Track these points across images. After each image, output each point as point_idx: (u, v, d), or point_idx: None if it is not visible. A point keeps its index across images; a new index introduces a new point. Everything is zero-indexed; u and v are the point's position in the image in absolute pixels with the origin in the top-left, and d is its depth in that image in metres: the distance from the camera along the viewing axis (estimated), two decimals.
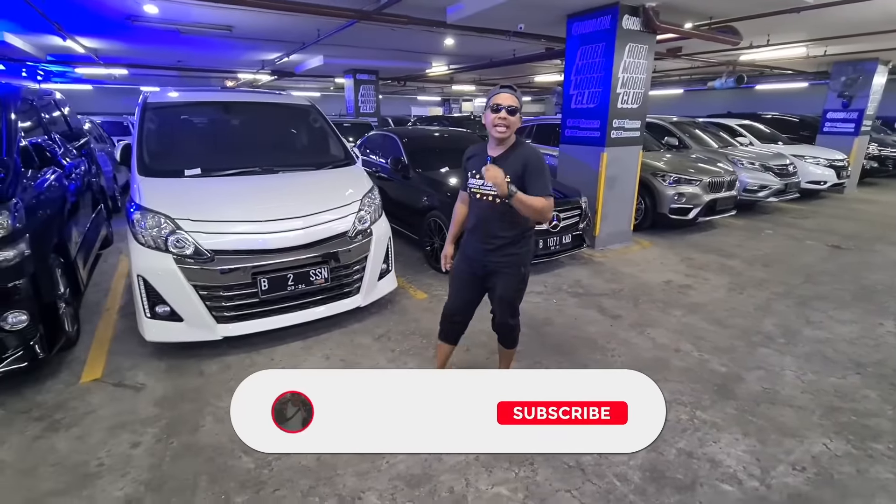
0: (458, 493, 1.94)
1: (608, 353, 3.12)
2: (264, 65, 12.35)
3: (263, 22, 6.96)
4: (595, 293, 4.16)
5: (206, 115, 4.21)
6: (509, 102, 2.01)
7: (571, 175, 5.49)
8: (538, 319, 3.60)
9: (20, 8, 5.83)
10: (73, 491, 1.93)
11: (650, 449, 2.15)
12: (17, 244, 2.57)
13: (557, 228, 4.50)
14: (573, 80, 5.36)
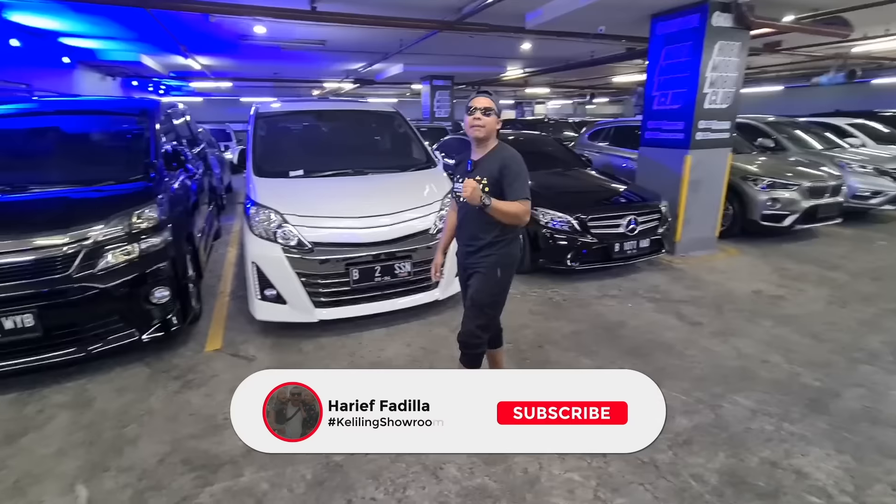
0: (532, 475, 2.06)
1: (686, 359, 3.06)
2: (348, 74, 13.22)
3: (352, 35, 7.53)
4: (673, 299, 4.05)
5: (305, 123, 4.70)
6: (484, 104, 2.06)
7: (651, 178, 5.34)
8: (612, 322, 3.60)
9: (159, 33, 6.85)
10: (208, 436, 2.32)
11: (730, 455, 2.14)
12: (162, 233, 3.11)
13: (634, 232, 4.43)
14: (656, 80, 5.23)
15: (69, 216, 2.83)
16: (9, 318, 2.52)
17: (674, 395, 2.64)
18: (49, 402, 2.61)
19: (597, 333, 3.43)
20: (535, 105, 25.74)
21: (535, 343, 3.28)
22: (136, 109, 4.20)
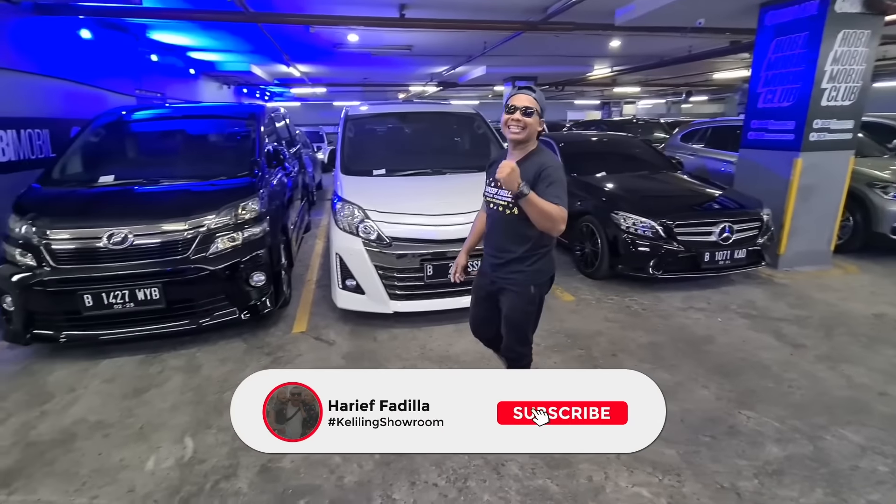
0: (597, 483, 2.00)
1: (783, 383, 2.76)
2: (432, 77, 13.60)
3: (437, 40, 7.75)
4: (773, 317, 3.66)
5: (390, 124, 4.95)
6: (525, 104, 1.85)
7: (753, 183, 4.87)
8: (697, 336, 3.35)
9: (267, 45, 7.61)
10: None
11: (830, 493, 1.91)
12: (262, 223, 3.47)
13: (728, 241, 4.07)
14: (763, 76, 4.75)
15: (189, 206, 3.26)
16: (141, 290, 2.98)
17: (765, 420, 2.40)
18: (167, 365, 3.04)
19: (678, 347, 3.21)
20: (623, 105, 24.49)
21: (608, 351, 3.16)
22: (246, 113, 4.72)
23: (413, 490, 1.98)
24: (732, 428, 2.35)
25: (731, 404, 2.55)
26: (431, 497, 1.94)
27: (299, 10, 5.55)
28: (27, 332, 2.96)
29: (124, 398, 2.68)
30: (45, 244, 2.94)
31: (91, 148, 3.92)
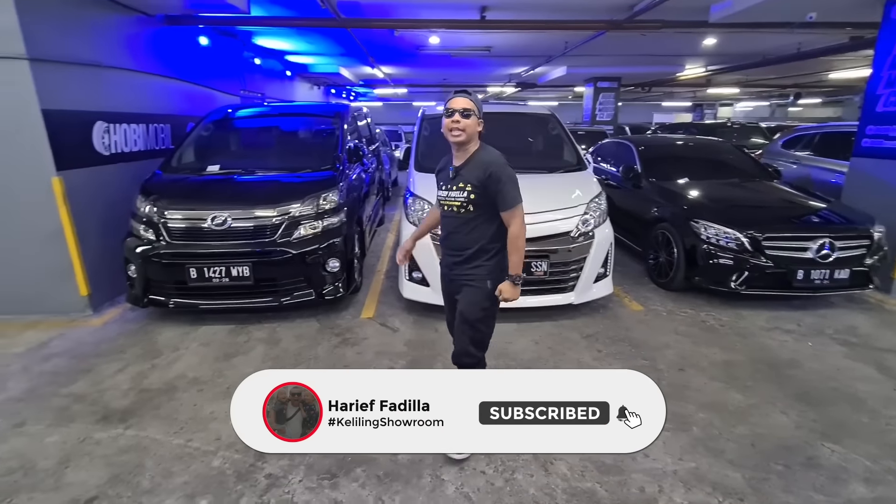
0: (649, 495, 1.95)
1: (880, 420, 2.46)
2: (510, 78, 13.56)
3: (517, 41, 7.75)
4: (877, 346, 3.25)
5: None
6: (462, 105, 1.90)
7: (865, 196, 4.34)
8: (781, 359, 3.08)
9: (355, 49, 8.10)
10: None
11: None
12: (339, 214, 3.74)
13: (828, 259, 3.67)
14: (885, 76, 4.21)
15: (278, 195, 3.61)
16: (235, 267, 3.35)
17: (853, 456, 2.17)
18: (252, 336, 3.39)
19: (757, 368, 2.97)
20: (718, 107, 22.63)
21: (675, 365, 3.01)
22: (332, 112, 5.09)
23: (461, 474, 2.06)
24: (811, 459, 2.15)
25: (812, 434, 2.33)
26: (478, 483, 2.01)
27: (385, 14, 5.85)
28: (145, 296, 3.47)
29: (216, 360, 3.05)
30: (163, 222, 3.42)
31: (202, 141, 4.46)
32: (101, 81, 3.96)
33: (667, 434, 2.30)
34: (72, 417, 2.45)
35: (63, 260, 3.59)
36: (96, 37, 3.95)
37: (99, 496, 1.94)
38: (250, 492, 1.96)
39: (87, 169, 3.74)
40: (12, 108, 3.30)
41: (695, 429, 2.37)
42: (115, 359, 3.06)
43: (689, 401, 2.60)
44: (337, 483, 2.00)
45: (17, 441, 2.27)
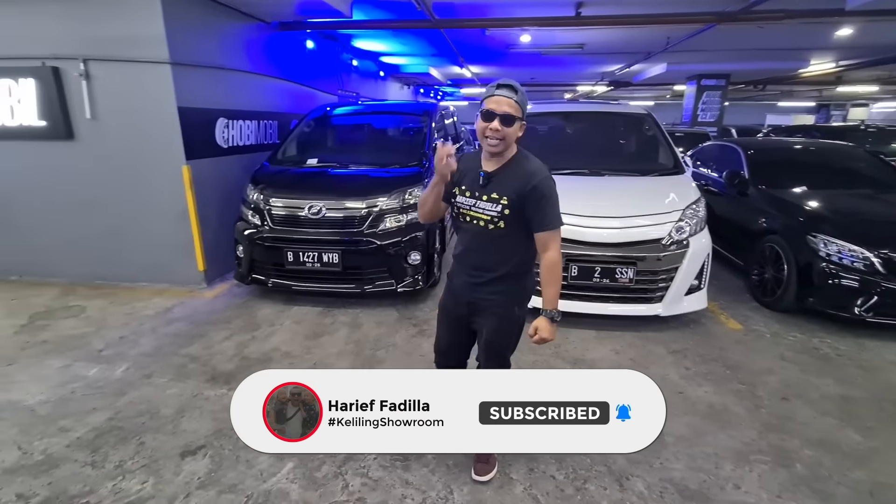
0: None
1: None
2: (603, 76, 12.99)
3: (613, 37, 7.39)
4: None
5: (550, 123, 4.94)
6: (505, 110, 1.55)
7: None
8: None
9: (446, 49, 8.28)
10: None
11: None
12: None
13: None
14: None
15: (367, 188, 3.82)
16: (326, 254, 3.61)
17: None
18: (337, 319, 3.63)
19: (881, 407, 2.57)
20: (848, 108, 19.72)
21: (777, 393, 2.70)
22: (421, 111, 5.26)
23: (530, 475, 2.03)
24: None
25: None
26: (547, 487, 1.97)
27: (479, 14, 5.90)
28: (249, 275, 3.86)
29: (305, 338, 3.31)
30: (268, 209, 3.78)
31: (304, 136, 4.85)
32: (224, 82, 4.46)
33: (762, 467, 2.09)
34: (188, 375, 2.81)
35: (187, 238, 4.11)
36: (222, 43, 4.45)
37: (206, 445, 2.20)
38: (330, 461, 2.11)
39: (209, 159, 4.24)
40: (157, 105, 3.84)
41: (798, 466, 2.11)
42: (222, 328, 3.44)
43: (793, 434, 2.33)
44: (409, 465, 2.08)
45: (146, 390, 2.65)
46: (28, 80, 3.87)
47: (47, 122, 3.94)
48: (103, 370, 2.85)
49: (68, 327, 3.43)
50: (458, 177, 1.70)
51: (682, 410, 2.52)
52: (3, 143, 4.09)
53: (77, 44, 3.77)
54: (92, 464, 2.08)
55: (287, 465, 2.07)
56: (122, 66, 3.78)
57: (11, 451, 2.15)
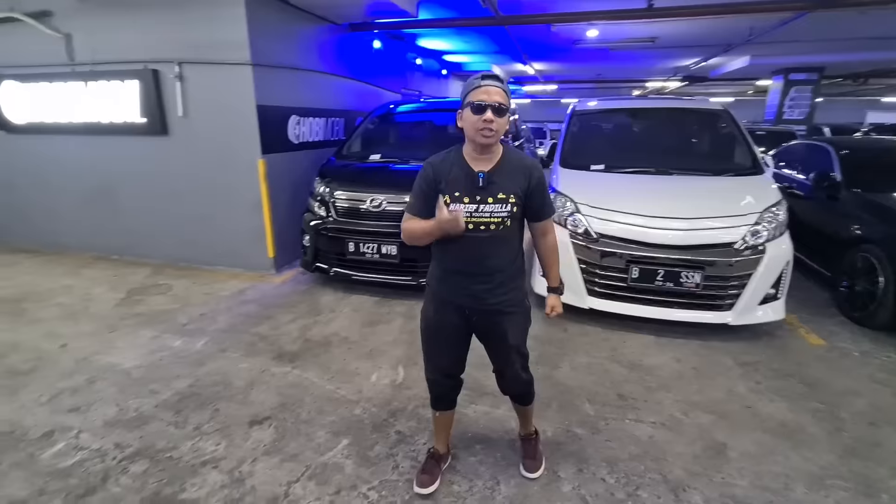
0: None
1: None
2: (676, 71, 12.28)
3: (688, 29, 6.97)
4: None
5: (618, 120, 4.77)
6: (496, 99, 1.48)
7: None
8: None
9: (510, 46, 8.23)
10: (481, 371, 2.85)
11: None
12: None
13: None
14: None
15: None
16: (385, 245, 3.75)
17: None
18: (393, 309, 3.75)
19: None
20: None
21: (864, 417, 2.45)
22: None
23: (579, 475, 2.00)
24: None
25: None
26: (597, 489, 1.93)
27: (545, 10, 5.80)
28: (313, 263, 4.08)
29: (363, 325, 3.45)
30: (332, 201, 3.98)
31: (368, 133, 5.03)
32: (297, 82, 4.74)
33: (842, 494, 1.92)
34: (257, 352, 3.04)
35: (259, 227, 4.42)
36: (296, 44, 4.73)
37: (271, 417, 2.38)
38: (383, 442, 2.20)
39: (281, 154, 4.53)
40: (238, 103, 4.16)
41: (884, 496, 1.91)
42: (288, 311, 3.68)
43: (881, 463, 2.11)
44: (457, 454, 2.13)
45: (221, 362, 2.91)
46: (132, 82, 4.35)
47: (147, 118, 4.41)
48: (186, 342, 3.15)
49: (158, 303, 3.82)
50: (441, 184, 1.59)
51: (750, 426, 2.35)
52: (110, 137, 4.63)
53: (173, 48, 4.18)
54: (175, 424, 2.32)
55: (342, 442, 2.19)
56: (209, 68, 4.14)
57: (111, 408, 2.44)
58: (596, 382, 2.74)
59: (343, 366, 2.88)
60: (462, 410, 2.45)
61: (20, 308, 3.70)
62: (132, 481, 1.94)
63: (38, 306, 3.73)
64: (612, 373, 2.86)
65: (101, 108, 4.53)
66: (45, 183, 5.11)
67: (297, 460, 2.08)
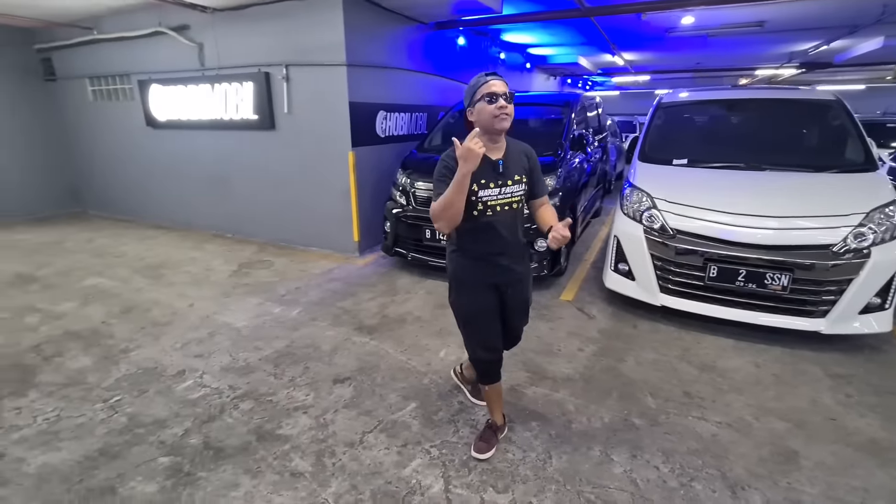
0: None
1: None
2: (791, 57, 11.01)
3: (804, 10, 6.27)
4: None
5: (709, 112, 4.51)
6: (505, 90, 1.73)
7: None
8: None
9: (596, 37, 8.01)
10: (543, 355, 2.96)
11: None
12: (553, 198, 3.93)
13: None
14: None
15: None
16: None
17: None
18: None
19: None
20: None
21: None
22: (563, 102, 5.26)
23: (632, 461, 2.05)
24: None
25: None
26: (648, 475, 1.97)
27: None
28: (393, 248, 4.42)
29: (435, 307, 3.70)
30: (413, 191, 4.27)
31: (449, 127, 5.25)
32: (384, 79, 5.10)
33: None
34: (341, 323, 3.42)
35: (347, 213, 4.87)
36: (385, 44, 5.08)
37: (351, 377, 2.71)
38: (446, 409, 2.41)
39: (368, 147, 4.93)
40: (333, 101, 4.61)
41: None
42: (369, 290, 4.04)
43: None
44: (513, 426, 2.28)
45: (311, 329, 3.32)
46: (248, 84, 5.00)
47: (258, 115, 5.04)
48: (284, 310, 3.63)
49: (262, 276, 4.40)
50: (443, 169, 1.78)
51: (831, 438, 2.21)
52: (228, 132, 5.36)
53: (282, 53, 4.73)
54: (274, 375, 2.73)
55: (411, 405, 2.44)
56: (310, 69, 4.63)
57: (225, 357, 2.93)
58: (662, 379, 2.72)
59: (415, 341, 3.15)
60: (522, 391, 2.59)
61: (159, 273, 4.47)
62: (241, 416, 2.36)
63: (172, 272, 4.49)
64: (681, 371, 2.81)
65: (223, 106, 5.25)
66: (177, 171, 6.04)
67: (371, 415, 2.36)
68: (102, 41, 5.90)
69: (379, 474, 1.97)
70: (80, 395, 2.55)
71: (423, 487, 1.90)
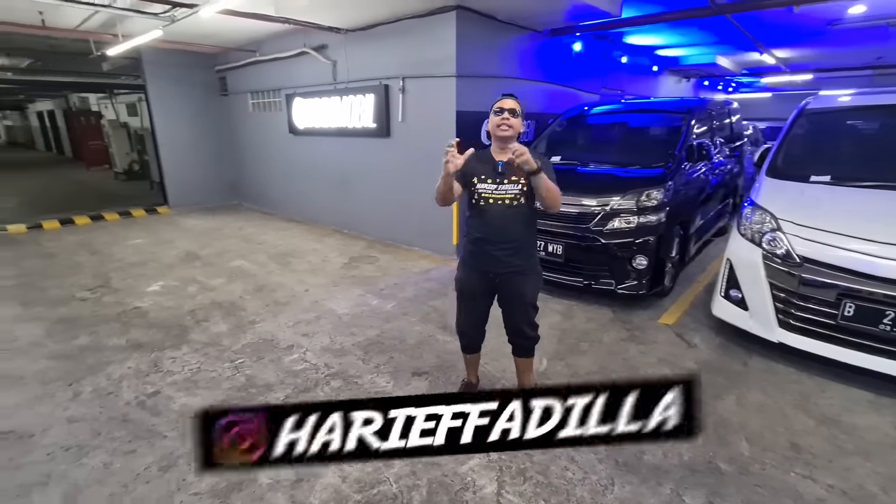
0: None
1: None
2: None
3: None
4: None
5: (868, 120, 3.77)
6: (511, 106, 2.09)
7: None
8: None
9: (735, 35, 7.17)
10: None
11: None
12: (659, 213, 3.67)
13: None
14: None
15: (602, 187, 3.88)
16: (550, 244, 3.91)
17: None
18: (550, 306, 3.90)
19: None
20: None
21: None
22: (684, 109, 4.84)
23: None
24: None
25: None
26: None
27: None
28: None
29: None
30: None
31: (555, 135, 5.20)
32: (492, 88, 5.22)
33: None
34: (429, 320, 3.64)
35: (448, 218, 5.11)
36: (496, 54, 5.21)
37: (429, 372, 2.89)
38: None
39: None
40: (444, 109, 4.88)
41: None
42: None
43: None
44: (579, 448, 2.22)
45: (402, 322, 3.60)
46: (370, 95, 5.53)
47: (377, 124, 5.55)
48: (381, 303, 3.97)
49: (367, 270, 4.85)
50: (473, 171, 2.14)
51: None
52: (351, 139, 5.99)
53: (399, 66, 5.15)
54: (363, 360, 3.04)
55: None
56: (424, 80, 4.97)
57: (325, 339, 3.34)
58: (765, 425, 2.40)
59: (495, 346, 3.21)
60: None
61: (287, 260, 5.21)
62: (331, 391, 2.69)
63: (297, 260, 5.19)
64: (792, 420, 2.45)
65: (349, 116, 5.89)
66: (309, 172, 6.93)
67: None
68: (262, 62, 7.03)
69: (438, 466, 2.10)
70: (215, 354, 3.13)
71: (476, 486, 1.98)
